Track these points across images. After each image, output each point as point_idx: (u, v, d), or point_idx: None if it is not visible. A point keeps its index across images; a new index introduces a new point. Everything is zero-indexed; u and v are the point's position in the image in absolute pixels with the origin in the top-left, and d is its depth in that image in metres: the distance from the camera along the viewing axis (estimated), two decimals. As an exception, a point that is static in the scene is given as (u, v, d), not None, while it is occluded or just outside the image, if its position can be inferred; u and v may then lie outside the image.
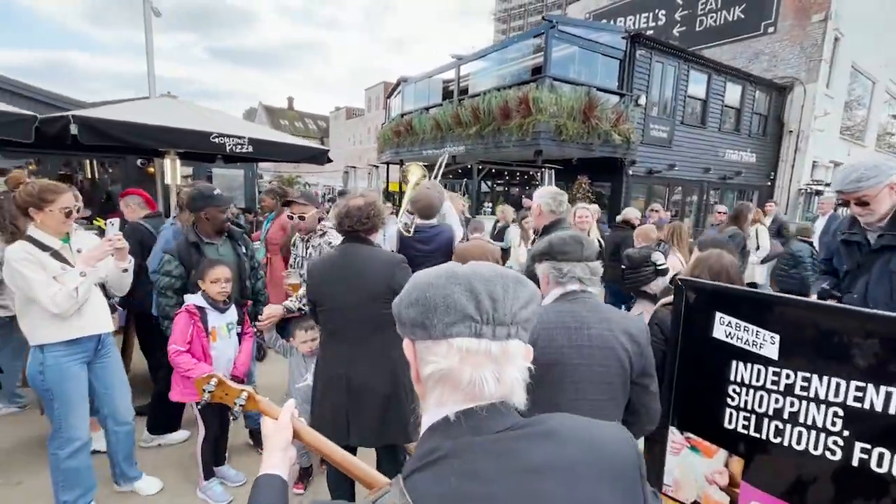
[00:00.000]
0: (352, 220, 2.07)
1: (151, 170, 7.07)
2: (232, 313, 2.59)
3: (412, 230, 3.27)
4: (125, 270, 2.38)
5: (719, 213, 7.00)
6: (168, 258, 2.56)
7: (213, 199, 2.64)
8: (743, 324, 1.52)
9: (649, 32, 16.11)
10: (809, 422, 1.37)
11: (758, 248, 5.74)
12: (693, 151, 11.88)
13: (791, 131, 13.64)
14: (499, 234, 6.73)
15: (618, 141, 9.47)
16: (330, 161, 6.43)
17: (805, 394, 1.38)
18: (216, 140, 4.93)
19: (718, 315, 1.58)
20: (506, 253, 6.20)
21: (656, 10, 17.33)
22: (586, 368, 1.46)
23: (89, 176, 8.44)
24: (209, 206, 2.62)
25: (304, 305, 2.48)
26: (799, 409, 1.39)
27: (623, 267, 4.96)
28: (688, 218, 12.64)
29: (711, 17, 15.84)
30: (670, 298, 1.86)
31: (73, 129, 4.01)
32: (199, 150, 5.06)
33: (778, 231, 6.60)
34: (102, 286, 2.39)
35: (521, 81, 9.66)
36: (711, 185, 12.76)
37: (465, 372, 0.63)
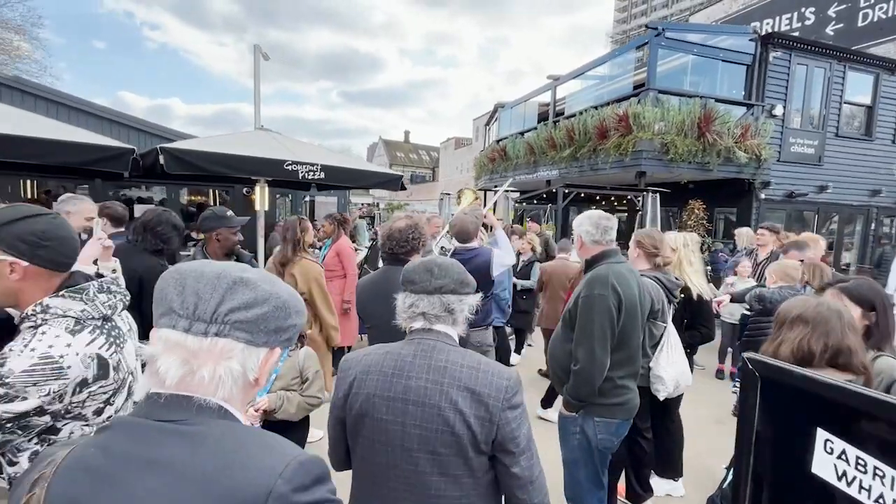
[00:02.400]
0: (392, 242, 2.12)
1: (254, 197, 7.79)
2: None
3: (448, 253, 3.25)
4: (114, 272, 2.33)
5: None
6: None
7: (226, 220, 2.64)
8: (872, 461, 0.79)
9: (794, 34, 13.79)
10: None
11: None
12: (854, 169, 9.53)
13: None
14: (523, 271, 5.40)
15: (744, 159, 7.95)
16: (404, 188, 6.36)
17: None
18: (290, 167, 5.10)
19: (822, 435, 0.86)
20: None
21: (802, 9, 14.83)
22: (398, 429, 1.17)
23: (211, 202, 9.65)
24: (221, 226, 2.62)
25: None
26: None
27: (747, 311, 3.85)
28: (848, 251, 10.11)
29: (880, 9, 13.01)
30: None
31: (161, 160, 4.43)
32: (275, 177, 5.29)
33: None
34: None
35: (620, 97, 8.73)
36: (885, 210, 10.08)
37: (160, 359, 0.68)
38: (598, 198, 10.03)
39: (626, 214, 10.98)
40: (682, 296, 2.60)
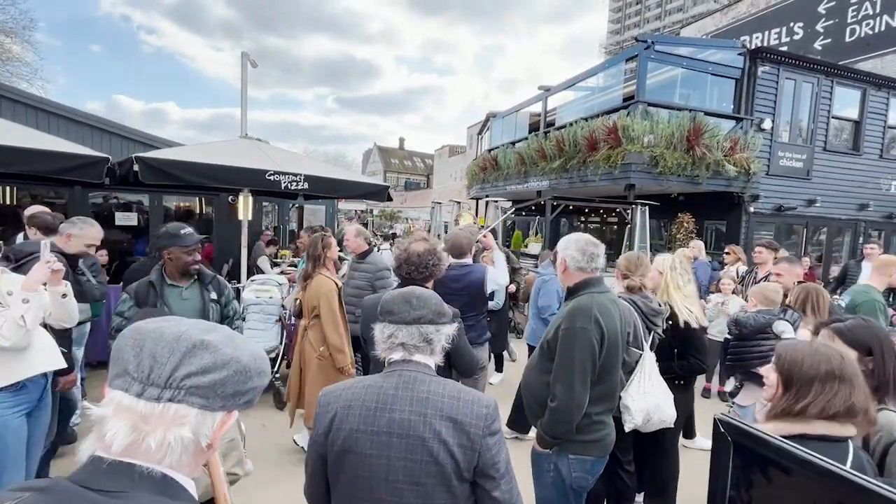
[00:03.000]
0: (411, 266, 2.10)
1: (238, 206, 7.65)
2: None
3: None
4: (64, 296, 2.21)
5: (870, 249, 5.32)
6: (125, 297, 2.37)
7: (178, 238, 2.42)
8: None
9: (783, 49, 13.93)
10: None
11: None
12: (842, 184, 9.58)
13: None
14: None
15: (733, 173, 7.94)
16: (390, 199, 6.28)
17: None
18: (272, 178, 4.99)
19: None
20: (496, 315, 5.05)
21: (791, 24, 15.01)
22: (383, 462, 1.17)
23: (198, 211, 9.47)
24: (173, 245, 2.40)
25: None
26: None
27: (728, 337, 3.77)
28: (837, 266, 10.13)
29: (867, 25, 13.20)
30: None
31: (136, 169, 4.31)
32: (257, 187, 5.18)
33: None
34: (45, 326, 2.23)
35: (610, 109, 8.72)
36: (872, 224, 10.13)
37: (108, 423, 0.65)
38: (586, 210, 9.99)
39: (616, 227, 10.96)
40: (670, 322, 2.50)
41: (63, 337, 2.44)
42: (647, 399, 2.15)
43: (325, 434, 1.21)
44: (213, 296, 2.52)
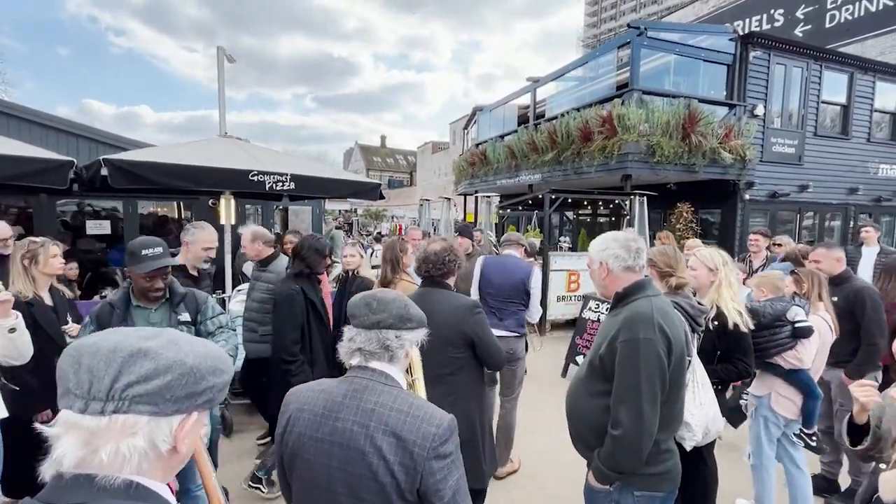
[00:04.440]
0: (429, 265, 2.15)
1: (219, 209, 7.21)
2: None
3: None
4: (12, 330, 1.87)
5: (865, 231, 5.22)
6: (87, 322, 2.04)
7: (137, 260, 2.02)
8: None
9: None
10: None
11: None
12: (833, 168, 9.58)
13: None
14: None
15: (728, 160, 7.82)
16: (382, 197, 5.95)
17: None
18: (255, 178, 4.62)
19: None
20: None
21: (772, 11, 15.09)
22: (324, 471, 1.13)
23: (176, 217, 8.98)
24: (132, 267, 2.04)
25: None
26: None
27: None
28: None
29: (847, 10, 13.31)
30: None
31: (105, 172, 3.90)
32: (240, 189, 4.80)
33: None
34: None
35: (603, 99, 8.53)
36: (862, 208, 10.17)
37: (59, 442, 0.65)
38: (585, 203, 9.81)
39: (613, 219, 10.80)
40: (716, 323, 2.26)
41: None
42: (704, 410, 1.90)
43: (281, 435, 1.21)
44: (185, 317, 2.17)
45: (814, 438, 2.75)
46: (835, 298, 2.95)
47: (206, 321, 2.28)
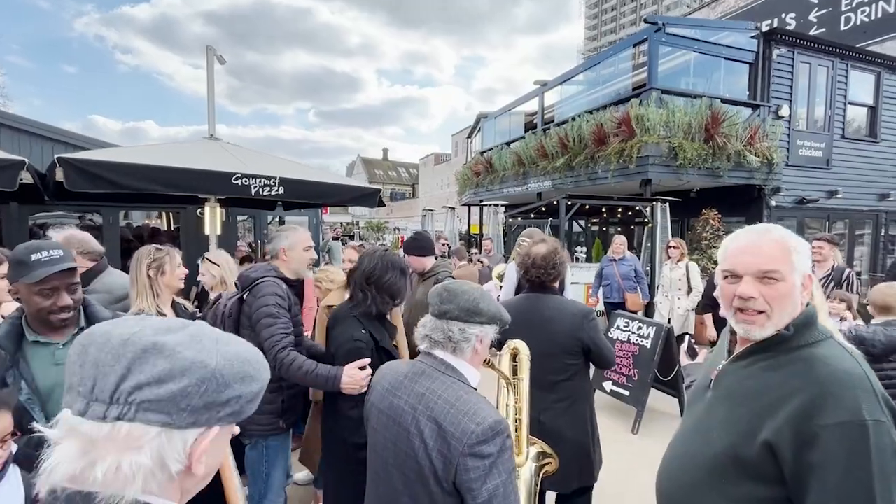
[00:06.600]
0: (538, 270, 2.09)
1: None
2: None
3: None
4: None
5: None
6: None
7: (24, 268, 1.40)
8: None
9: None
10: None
11: None
12: (861, 173, 9.01)
13: None
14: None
15: (755, 164, 7.27)
16: (382, 204, 5.42)
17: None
18: (238, 182, 4.09)
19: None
20: None
21: (783, 15, 14.68)
22: (382, 441, 1.22)
23: (166, 227, 8.46)
24: (18, 280, 1.41)
25: None
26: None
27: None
28: (857, 261, 9.54)
29: (862, 12, 12.86)
30: None
31: (60, 175, 3.37)
32: (222, 194, 4.28)
33: None
34: None
35: (619, 100, 8.02)
36: (893, 214, 9.57)
37: (57, 447, 0.55)
38: (603, 210, 9.23)
39: (632, 228, 10.22)
40: None
41: None
42: None
43: (365, 400, 1.35)
44: None
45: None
46: None
47: None
